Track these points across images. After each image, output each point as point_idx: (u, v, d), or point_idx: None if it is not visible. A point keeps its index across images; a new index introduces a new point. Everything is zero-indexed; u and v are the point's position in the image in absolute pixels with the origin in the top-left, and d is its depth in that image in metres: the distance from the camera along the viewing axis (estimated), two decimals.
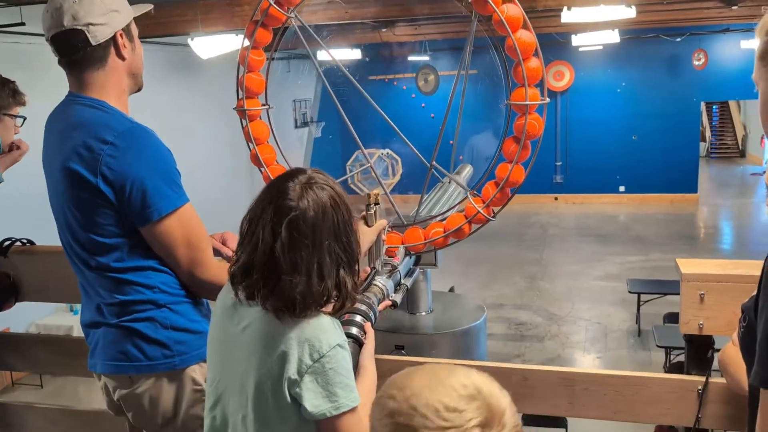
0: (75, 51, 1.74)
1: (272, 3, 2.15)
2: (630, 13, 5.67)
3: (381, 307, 1.85)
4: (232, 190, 8.61)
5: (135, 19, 1.87)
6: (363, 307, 1.72)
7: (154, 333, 1.77)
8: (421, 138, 2.33)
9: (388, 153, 10.17)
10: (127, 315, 1.77)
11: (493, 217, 2.18)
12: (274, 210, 1.38)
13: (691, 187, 12.25)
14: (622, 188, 12.51)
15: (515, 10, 2.01)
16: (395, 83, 12.60)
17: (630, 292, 6.35)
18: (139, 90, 1.92)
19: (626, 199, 12.41)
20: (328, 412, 1.35)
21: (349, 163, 9.04)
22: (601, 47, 10.66)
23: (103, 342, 1.82)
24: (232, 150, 8.11)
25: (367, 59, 9.67)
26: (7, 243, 2.51)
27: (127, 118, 1.78)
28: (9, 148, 2.76)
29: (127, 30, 1.81)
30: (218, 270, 1.77)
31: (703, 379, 1.82)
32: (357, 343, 1.60)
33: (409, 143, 2.37)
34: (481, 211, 2.15)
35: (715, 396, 1.81)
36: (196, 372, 1.82)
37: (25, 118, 2.68)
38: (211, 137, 8.77)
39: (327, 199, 1.39)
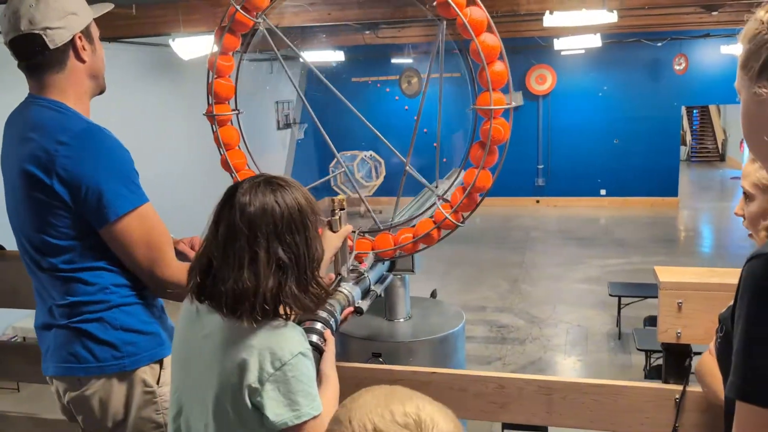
0: (33, 55, 1.73)
1: (238, 9, 2.12)
2: (611, 17, 5.68)
3: (344, 314, 1.84)
4: (211, 193, 8.54)
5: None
6: (323, 314, 1.70)
7: (103, 334, 1.76)
8: (406, 140, 2.31)
9: (371, 155, 10.17)
10: (77, 316, 1.76)
11: (462, 222, 2.15)
12: (221, 206, 1.40)
13: (672, 190, 12.35)
14: (603, 191, 12.59)
15: (479, 13, 1.98)
16: (378, 85, 12.59)
17: (610, 295, 6.37)
18: (101, 92, 1.89)
19: (607, 203, 12.49)
20: (290, 421, 1.34)
21: (332, 165, 9.01)
22: (583, 51, 10.72)
23: (54, 344, 1.81)
24: (212, 153, 8.06)
25: (346, 60, 9.64)
26: None
27: (84, 119, 1.76)
28: None
29: (86, 32, 1.79)
30: (179, 270, 1.76)
31: (681, 387, 1.82)
32: (317, 351, 1.59)
33: (384, 139, 2.35)
34: (449, 217, 2.12)
35: (692, 405, 1.81)
36: (147, 374, 1.81)
37: None
38: (192, 139, 8.68)
39: (275, 198, 1.38)
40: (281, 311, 1.40)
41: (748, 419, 0.91)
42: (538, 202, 12.84)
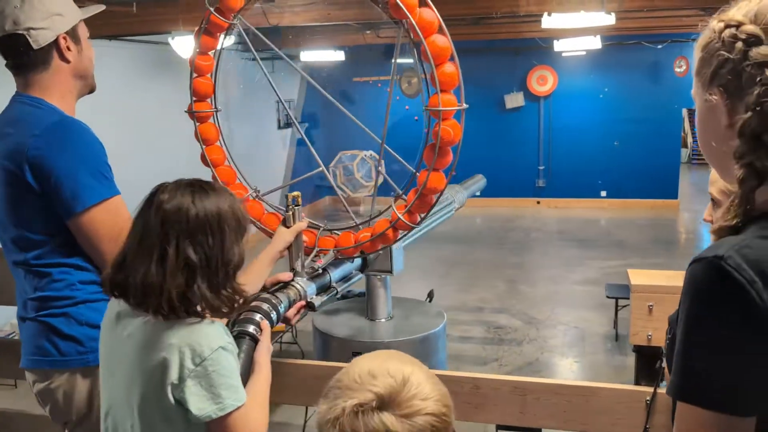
0: (18, 55, 1.78)
1: (212, 11, 2.16)
2: (609, 19, 5.68)
3: (295, 307, 1.88)
4: None
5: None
6: (265, 307, 1.75)
7: (68, 329, 1.79)
8: (407, 140, 2.32)
9: (371, 155, 10.17)
10: (44, 310, 1.80)
11: (418, 223, 2.16)
12: (142, 203, 1.45)
13: (672, 192, 12.32)
14: (603, 193, 12.56)
15: (430, 15, 1.97)
16: (379, 85, 12.59)
17: (607, 296, 6.37)
18: (91, 92, 1.93)
19: (607, 204, 12.46)
20: (213, 414, 1.37)
21: (332, 164, 9.02)
22: (583, 53, 10.71)
23: (26, 337, 1.86)
24: None
25: (348, 60, 9.65)
26: None
27: (58, 112, 1.79)
28: None
29: (72, 33, 1.82)
30: None
31: (652, 390, 1.83)
32: (252, 340, 1.64)
33: (368, 131, 2.38)
34: (401, 217, 2.12)
35: (662, 407, 1.82)
36: None
37: None
38: (192, 137, 8.74)
39: (193, 199, 1.41)
40: (199, 309, 1.42)
41: (685, 418, 0.94)
42: (538, 203, 12.83)
